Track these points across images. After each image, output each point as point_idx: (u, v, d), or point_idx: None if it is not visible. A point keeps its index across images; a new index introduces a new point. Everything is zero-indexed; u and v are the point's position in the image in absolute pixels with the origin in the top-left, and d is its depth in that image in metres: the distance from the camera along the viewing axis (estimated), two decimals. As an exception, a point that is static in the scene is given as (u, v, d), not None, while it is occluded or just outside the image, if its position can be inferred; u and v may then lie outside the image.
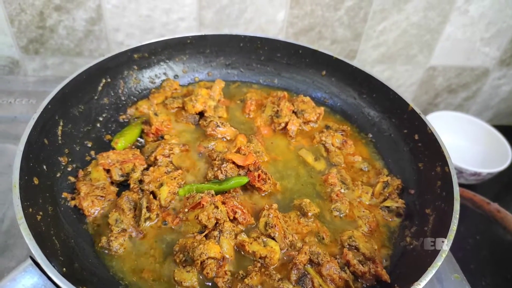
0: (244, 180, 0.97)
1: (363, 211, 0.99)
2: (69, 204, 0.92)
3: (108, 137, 1.10)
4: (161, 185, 0.94)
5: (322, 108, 1.21)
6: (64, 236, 0.83)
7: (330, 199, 1.00)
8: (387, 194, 1.02)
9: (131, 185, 0.95)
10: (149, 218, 0.90)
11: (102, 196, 0.93)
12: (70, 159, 0.99)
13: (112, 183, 0.98)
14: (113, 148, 1.04)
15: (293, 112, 1.19)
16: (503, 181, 1.60)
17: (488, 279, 1.24)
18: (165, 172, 0.98)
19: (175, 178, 0.97)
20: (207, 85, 1.24)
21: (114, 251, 0.85)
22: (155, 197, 0.94)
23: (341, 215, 0.97)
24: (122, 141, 1.05)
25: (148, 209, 0.90)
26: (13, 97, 1.39)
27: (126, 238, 0.87)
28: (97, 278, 0.80)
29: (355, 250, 0.89)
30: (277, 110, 1.18)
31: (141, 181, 0.95)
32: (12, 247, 1.03)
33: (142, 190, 0.94)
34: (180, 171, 1.00)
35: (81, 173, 0.97)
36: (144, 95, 1.22)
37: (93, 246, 0.87)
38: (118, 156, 0.99)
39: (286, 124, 1.16)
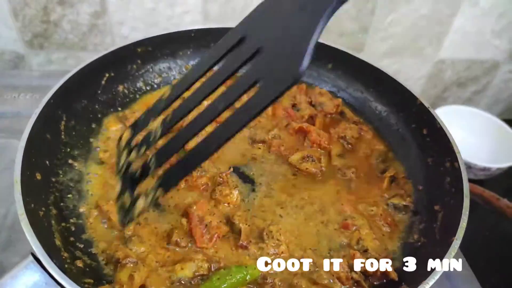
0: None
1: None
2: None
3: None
4: None
5: (340, 100, 1.19)
6: (67, 233, 0.83)
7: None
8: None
9: None
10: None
11: None
12: (73, 155, 0.98)
13: None
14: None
15: (311, 104, 1.17)
16: (513, 177, 1.57)
17: (498, 276, 1.22)
18: None
19: None
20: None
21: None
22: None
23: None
24: None
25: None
26: (18, 92, 1.39)
27: None
28: (100, 276, 0.79)
29: (364, 252, 0.86)
30: (295, 104, 1.16)
31: None
32: (16, 243, 1.02)
33: None
34: None
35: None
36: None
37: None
38: None
39: (309, 116, 1.13)
